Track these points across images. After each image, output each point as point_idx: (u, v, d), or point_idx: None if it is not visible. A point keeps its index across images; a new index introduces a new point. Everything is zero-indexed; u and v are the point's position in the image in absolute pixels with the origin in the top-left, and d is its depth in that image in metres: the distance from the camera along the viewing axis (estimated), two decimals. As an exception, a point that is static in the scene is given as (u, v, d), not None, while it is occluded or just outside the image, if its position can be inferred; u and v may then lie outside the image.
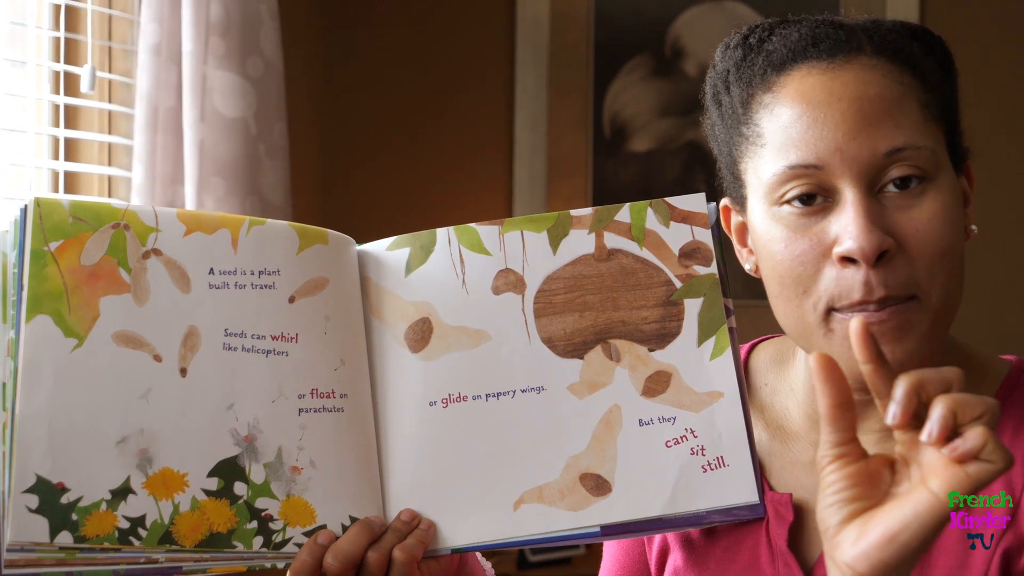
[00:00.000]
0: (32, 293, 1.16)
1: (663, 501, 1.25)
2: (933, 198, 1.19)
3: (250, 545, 1.18)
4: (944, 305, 1.19)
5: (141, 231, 1.22)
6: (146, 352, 1.19)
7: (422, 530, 1.23)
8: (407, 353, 1.29)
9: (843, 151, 1.18)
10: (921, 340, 1.19)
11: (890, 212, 1.18)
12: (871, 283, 1.17)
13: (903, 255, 1.18)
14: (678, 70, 3.42)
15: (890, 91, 1.19)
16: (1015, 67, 3.42)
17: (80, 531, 1.12)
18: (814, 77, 1.21)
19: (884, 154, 1.18)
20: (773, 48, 1.25)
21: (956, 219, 1.20)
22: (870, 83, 1.19)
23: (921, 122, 1.19)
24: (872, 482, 1.01)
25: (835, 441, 1.02)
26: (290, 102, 2.55)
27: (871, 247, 1.16)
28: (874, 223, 1.17)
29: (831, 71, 1.21)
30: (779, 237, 1.22)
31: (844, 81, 1.20)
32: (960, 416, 0.96)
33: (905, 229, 1.18)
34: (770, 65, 1.24)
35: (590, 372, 1.28)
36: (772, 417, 1.35)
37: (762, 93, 1.24)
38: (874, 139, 1.17)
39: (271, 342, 1.24)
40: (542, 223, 1.32)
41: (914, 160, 1.18)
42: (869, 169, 1.18)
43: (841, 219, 1.18)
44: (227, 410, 1.20)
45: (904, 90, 1.20)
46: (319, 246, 1.28)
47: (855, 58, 1.21)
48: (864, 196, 1.18)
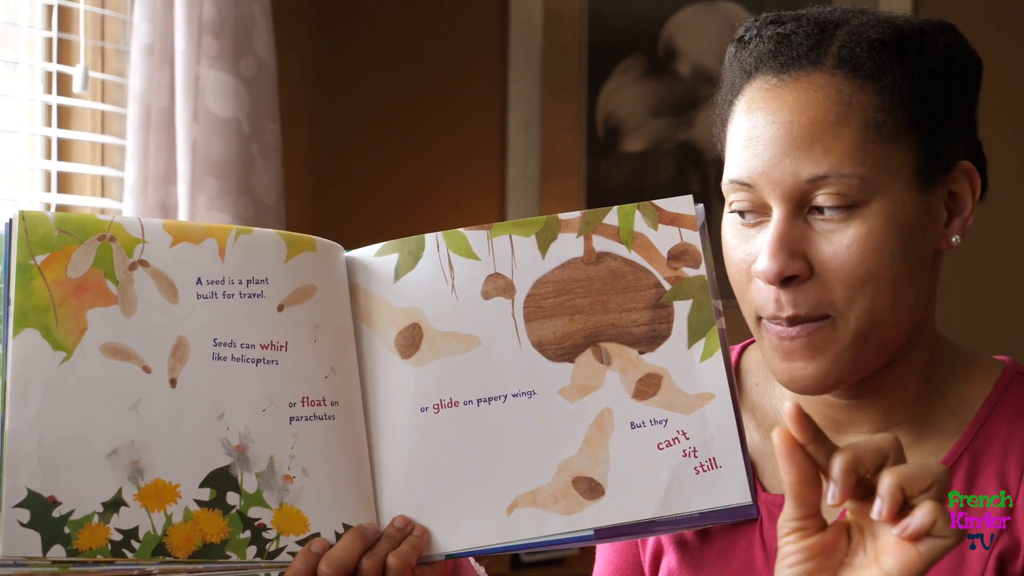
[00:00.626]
0: (19, 307, 1.17)
1: (656, 503, 1.25)
2: (859, 225, 1.19)
3: (244, 555, 1.19)
4: (868, 326, 1.20)
5: (127, 243, 1.22)
6: (135, 364, 1.19)
7: (416, 536, 1.23)
8: (397, 359, 1.29)
9: (768, 174, 1.19)
10: (835, 359, 1.21)
11: (813, 235, 1.20)
12: (780, 301, 1.20)
13: (817, 279, 1.19)
14: (671, 70, 3.41)
15: (828, 114, 1.19)
16: (1010, 63, 3.41)
17: (73, 544, 1.13)
18: (763, 92, 1.22)
19: (806, 180, 1.18)
20: (748, 52, 1.26)
21: (888, 244, 1.19)
22: (808, 106, 1.19)
23: (857, 147, 1.18)
24: (828, 552, 1.02)
25: (797, 516, 1.02)
26: (283, 102, 2.54)
27: (773, 272, 1.19)
28: (784, 248, 1.19)
29: (778, 88, 1.21)
30: (728, 243, 1.25)
31: (783, 101, 1.20)
32: (908, 490, 0.97)
33: (823, 254, 1.19)
34: (742, 69, 1.26)
35: (581, 376, 1.28)
36: (764, 417, 1.35)
37: (732, 97, 1.26)
38: (797, 164, 1.18)
39: (261, 351, 1.24)
40: (530, 227, 1.32)
41: (837, 188, 1.18)
42: (793, 193, 1.19)
43: (763, 238, 1.21)
44: (218, 420, 1.20)
45: (848, 112, 1.19)
46: (307, 253, 1.28)
47: (807, 75, 1.20)
48: (785, 218, 1.19)
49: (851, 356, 1.21)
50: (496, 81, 3.41)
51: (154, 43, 2.31)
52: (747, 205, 1.22)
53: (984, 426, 1.25)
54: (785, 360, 1.22)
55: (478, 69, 3.42)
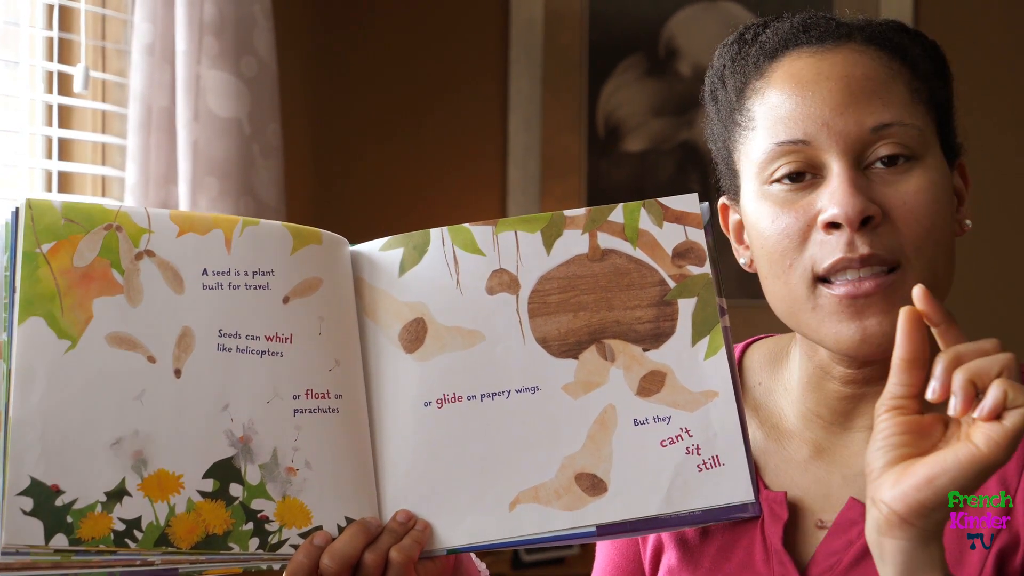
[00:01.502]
0: (25, 295, 1.16)
1: (659, 500, 1.25)
2: (920, 175, 1.21)
3: (246, 547, 1.18)
4: (932, 281, 1.19)
5: (134, 232, 1.22)
6: (140, 353, 1.19)
7: (418, 531, 1.23)
8: (401, 353, 1.29)
9: (830, 126, 1.20)
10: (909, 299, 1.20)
11: (877, 186, 1.20)
12: (854, 243, 1.19)
13: (889, 224, 1.20)
14: (672, 70, 3.42)
15: (878, 72, 1.22)
16: (1010, 66, 3.42)
17: (75, 533, 1.12)
18: (803, 60, 1.24)
19: (871, 129, 1.20)
20: (766, 39, 1.28)
21: (944, 199, 1.22)
22: (858, 64, 1.22)
23: (909, 103, 1.22)
24: (922, 434, 1.04)
25: (896, 393, 1.05)
26: (284, 102, 2.54)
27: (854, 211, 1.18)
28: (858, 190, 1.19)
29: (820, 54, 1.24)
30: (767, 214, 1.24)
31: (832, 62, 1.23)
32: (979, 382, 0.99)
33: (892, 200, 1.20)
34: (763, 54, 1.27)
35: (585, 372, 1.28)
36: (766, 416, 1.36)
37: (755, 80, 1.27)
38: (861, 114, 1.20)
39: (265, 343, 1.24)
40: (536, 223, 1.32)
41: (901, 137, 1.20)
42: (856, 144, 1.20)
43: (827, 190, 1.20)
44: (222, 411, 1.20)
45: (892, 73, 1.23)
46: (313, 246, 1.28)
47: (844, 44, 1.24)
48: (850, 168, 1.20)
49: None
50: (497, 81, 3.41)
51: (155, 43, 2.31)
52: (800, 166, 1.22)
53: None
54: (856, 318, 1.20)
55: (479, 69, 3.42)
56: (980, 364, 1.00)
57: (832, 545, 1.26)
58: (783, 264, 1.23)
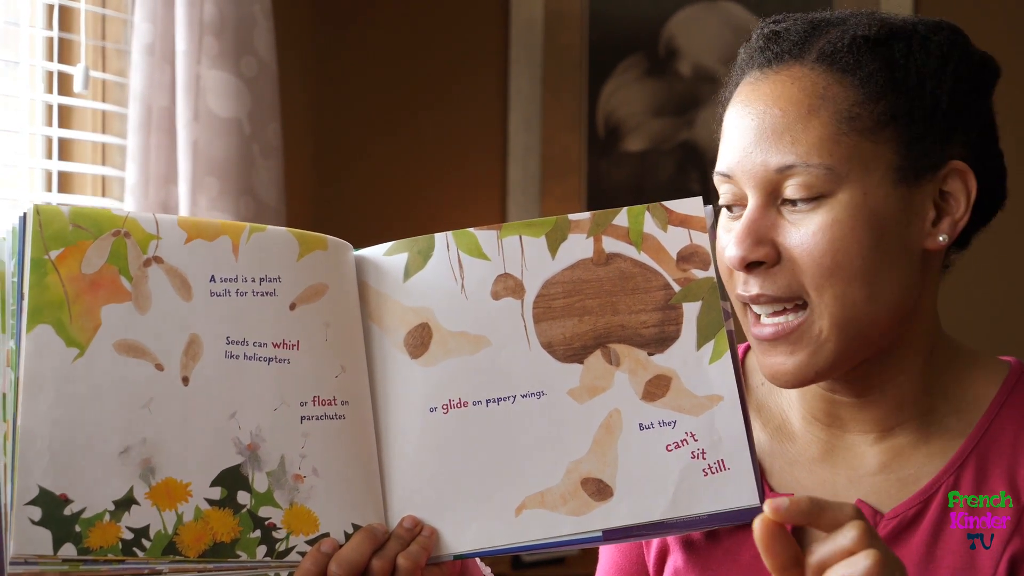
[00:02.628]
0: (33, 302, 1.16)
1: (665, 505, 1.25)
2: (824, 213, 1.20)
3: (254, 554, 1.18)
4: (842, 318, 1.21)
5: (142, 239, 1.21)
6: (148, 361, 1.19)
7: (425, 537, 1.23)
8: (407, 359, 1.29)
9: (742, 164, 1.23)
10: (814, 353, 1.22)
11: (783, 224, 1.22)
12: (748, 282, 1.23)
13: (784, 264, 1.22)
14: (672, 70, 3.42)
15: (799, 106, 1.21)
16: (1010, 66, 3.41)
17: (84, 543, 1.12)
18: (747, 87, 1.26)
19: (775, 170, 1.21)
20: (745, 51, 1.30)
21: (855, 235, 1.20)
22: (781, 96, 1.22)
23: (828, 138, 1.20)
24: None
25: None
26: (284, 102, 2.54)
27: (737, 257, 1.22)
28: (750, 235, 1.22)
29: (759, 81, 1.25)
30: (720, 235, 1.28)
31: (761, 93, 1.24)
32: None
33: (791, 241, 1.21)
34: (738, 68, 1.30)
35: (590, 377, 1.28)
36: (770, 417, 1.36)
37: (728, 95, 1.30)
38: (767, 154, 1.21)
39: (273, 350, 1.23)
40: (540, 228, 1.32)
41: (804, 178, 1.20)
42: (763, 183, 1.22)
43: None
44: (229, 419, 1.20)
45: (820, 104, 1.21)
46: (318, 252, 1.28)
47: (787, 68, 1.23)
48: (757, 208, 1.22)
49: (830, 349, 1.22)
50: (497, 81, 3.41)
51: (155, 43, 2.31)
52: (730, 198, 1.26)
53: (991, 427, 1.26)
54: (766, 355, 1.25)
55: (479, 69, 3.42)
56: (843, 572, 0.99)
57: (838, 548, 1.26)
58: (729, 285, 1.28)
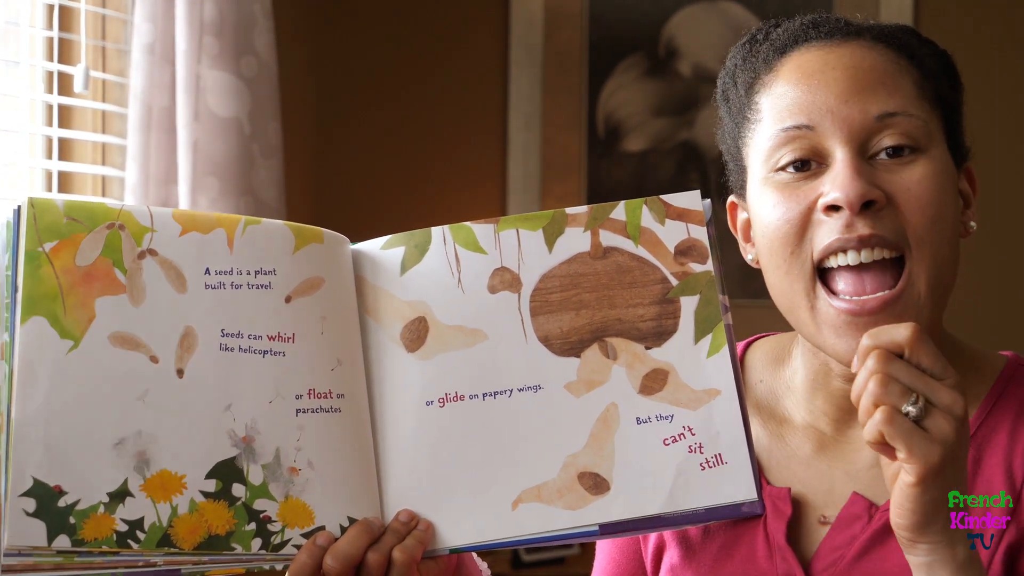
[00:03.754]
0: (27, 294, 1.16)
1: (662, 499, 1.24)
2: (925, 165, 1.21)
3: (249, 547, 1.18)
4: (936, 274, 1.20)
5: (136, 231, 1.21)
6: (142, 353, 1.19)
7: (421, 531, 1.23)
8: (403, 352, 1.28)
9: (835, 113, 1.21)
10: (918, 320, 1.19)
11: (881, 173, 1.21)
12: (854, 224, 1.19)
13: (892, 209, 1.20)
14: (672, 70, 3.42)
15: (886, 65, 1.23)
16: (1011, 66, 3.42)
17: (78, 534, 1.12)
18: (811, 53, 1.25)
19: (876, 117, 1.21)
20: (776, 36, 1.29)
21: (950, 193, 1.22)
22: (865, 57, 1.24)
23: (916, 96, 1.23)
24: None
25: None
26: (284, 102, 2.54)
27: (855, 193, 1.18)
28: (860, 174, 1.19)
29: (828, 47, 1.25)
30: (771, 201, 1.25)
31: (840, 54, 1.24)
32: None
33: (896, 187, 1.20)
34: (773, 50, 1.28)
35: (587, 370, 1.28)
36: (768, 414, 1.36)
37: (764, 75, 1.28)
38: (866, 103, 1.21)
39: (268, 342, 1.23)
40: (537, 221, 1.32)
41: (906, 127, 1.21)
42: (860, 131, 1.21)
43: (830, 176, 1.21)
44: (225, 411, 1.20)
45: (900, 68, 1.24)
46: (314, 245, 1.28)
47: (853, 40, 1.26)
48: (854, 155, 1.21)
49: (927, 316, 1.21)
50: (497, 80, 3.41)
51: (155, 43, 2.31)
52: (804, 152, 1.23)
53: (987, 420, 1.26)
54: (855, 334, 1.19)
55: (479, 68, 3.42)
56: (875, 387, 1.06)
57: (836, 540, 1.26)
58: (784, 252, 1.23)
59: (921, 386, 1.05)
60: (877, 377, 1.06)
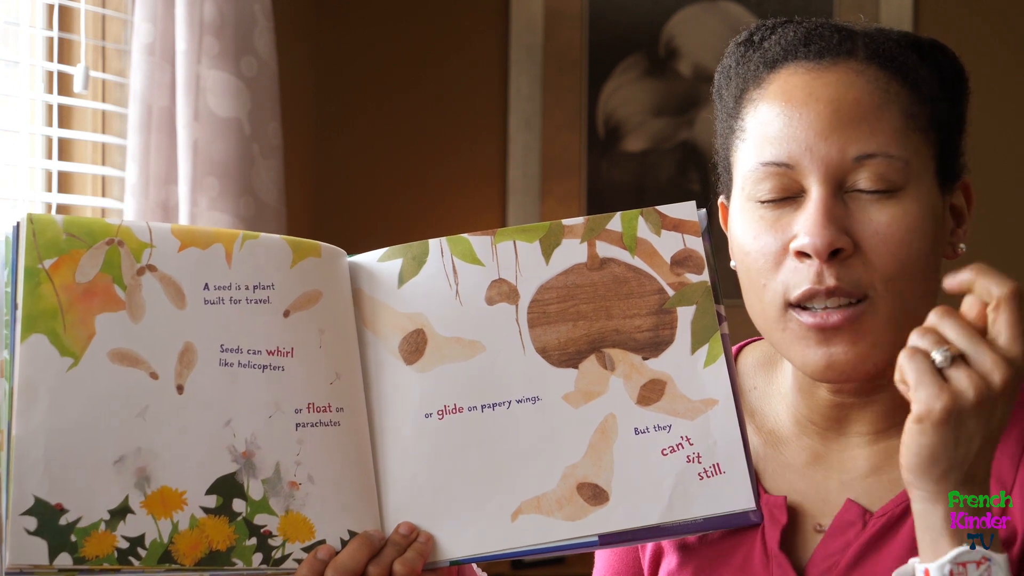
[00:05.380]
0: (27, 312, 1.16)
1: (660, 509, 1.25)
2: (898, 205, 1.20)
3: (250, 562, 1.18)
4: (902, 313, 1.20)
5: (135, 247, 1.22)
6: (142, 370, 1.19)
7: (421, 543, 1.23)
8: (401, 365, 1.29)
9: (813, 151, 1.20)
10: (875, 344, 1.20)
11: (853, 213, 1.20)
12: (822, 274, 1.19)
13: (860, 256, 1.19)
14: (672, 70, 3.41)
15: (871, 97, 1.21)
16: (1011, 66, 3.42)
17: (79, 552, 1.12)
18: (798, 76, 1.23)
19: (853, 158, 1.19)
20: (769, 46, 1.27)
21: (925, 229, 1.21)
22: (851, 86, 1.21)
23: (900, 131, 1.20)
24: None
25: None
26: (284, 102, 2.54)
27: (823, 242, 1.18)
28: (831, 221, 1.19)
29: (815, 71, 1.22)
30: (750, 230, 1.24)
31: (826, 82, 1.21)
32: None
33: (865, 231, 1.19)
34: (763, 62, 1.26)
35: (585, 381, 1.28)
36: (763, 420, 1.36)
37: (752, 89, 1.26)
38: (845, 141, 1.19)
39: (267, 357, 1.24)
40: (534, 233, 1.32)
41: (883, 170, 1.19)
42: (837, 172, 1.20)
43: (803, 215, 1.20)
44: (224, 426, 1.20)
45: (888, 98, 1.21)
46: (312, 259, 1.28)
47: (843, 62, 1.22)
48: (828, 195, 1.20)
49: (888, 342, 1.20)
50: (496, 80, 3.41)
51: (155, 43, 2.31)
52: (781, 191, 1.22)
53: None
54: (822, 345, 1.21)
55: (479, 68, 3.41)
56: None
57: (830, 547, 1.26)
58: (758, 283, 1.24)
59: (965, 343, 1.04)
60: (920, 329, 1.06)
